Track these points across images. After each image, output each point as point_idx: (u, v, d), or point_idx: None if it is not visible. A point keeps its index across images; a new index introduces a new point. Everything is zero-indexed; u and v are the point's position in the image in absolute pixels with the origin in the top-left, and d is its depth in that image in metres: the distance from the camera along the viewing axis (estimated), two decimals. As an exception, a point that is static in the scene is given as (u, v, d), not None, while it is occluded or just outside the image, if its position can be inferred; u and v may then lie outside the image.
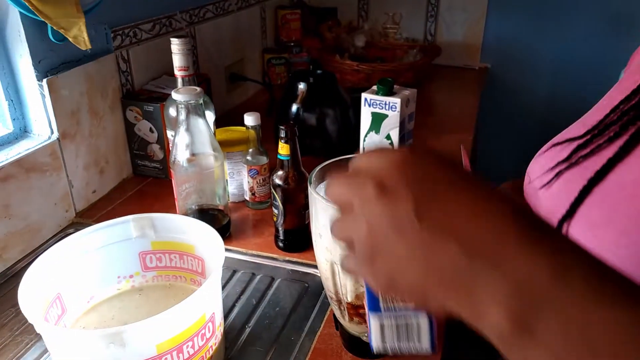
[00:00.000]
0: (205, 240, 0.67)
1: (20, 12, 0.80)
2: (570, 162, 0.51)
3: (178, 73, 0.88)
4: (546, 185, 0.53)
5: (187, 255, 0.71)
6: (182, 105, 0.80)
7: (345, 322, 0.63)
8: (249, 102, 1.60)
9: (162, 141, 1.05)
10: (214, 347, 0.61)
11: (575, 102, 1.85)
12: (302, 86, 1.17)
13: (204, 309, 0.57)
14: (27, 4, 0.77)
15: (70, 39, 0.84)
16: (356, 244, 0.34)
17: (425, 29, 1.91)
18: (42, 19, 0.80)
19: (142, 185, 1.09)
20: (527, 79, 1.85)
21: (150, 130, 1.05)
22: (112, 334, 0.51)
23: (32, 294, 0.58)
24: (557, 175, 0.52)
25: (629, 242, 0.42)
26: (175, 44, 0.85)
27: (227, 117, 1.42)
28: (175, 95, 0.79)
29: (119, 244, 0.69)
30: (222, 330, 0.64)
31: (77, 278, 0.67)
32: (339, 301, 0.60)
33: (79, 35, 0.85)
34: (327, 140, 1.20)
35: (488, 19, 1.82)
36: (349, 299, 0.59)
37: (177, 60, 0.87)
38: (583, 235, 0.45)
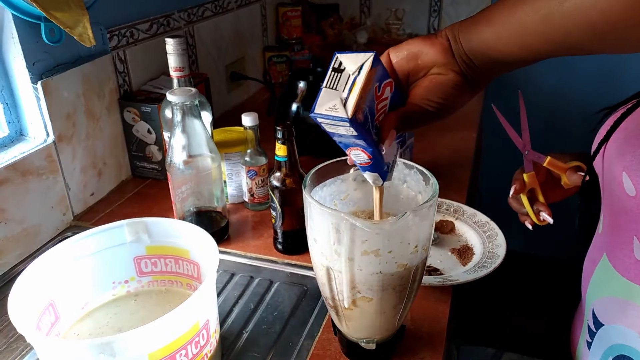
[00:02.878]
0: (199, 245, 0.66)
1: (13, 14, 0.79)
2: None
3: (173, 74, 0.87)
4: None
5: (183, 259, 0.69)
6: (177, 107, 0.78)
7: (342, 327, 0.62)
8: (250, 100, 1.59)
9: (161, 142, 1.04)
10: (209, 355, 0.60)
11: (580, 97, 1.82)
12: (302, 85, 1.16)
13: (197, 317, 0.55)
14: (33, 4, 0.76)
15: (75, 37, 0.83)
16: None
17: (428, 24, 1.89)
18: (50, 19, 0.78)
19: (141, 187, 1.08)
20: (532, 74, 1.82)
21: (149, 131, 1.04)
22: (102, 344, 0.49)
23: (23, 303, 0.57)
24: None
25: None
26: (170, 44, 0.84)
27: (228, 116, 1.41)
28: (170, 97, 0.78)
29: (114, 249, 0.68)
30: (217, 337, 0.63)
31: (71, 284, 0.66)
32: (336, 307, 0.59)
33: (84, 33, 0.84)
34: (329, 140, 1.18)
35: (492, 13, 1.80)
36: (346, 305, 0.57)
37: (172, 61, 0.85)
38: (613, 145, 0.65)
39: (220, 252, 0.86)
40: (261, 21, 1.64)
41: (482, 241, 0.85)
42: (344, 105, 0.44)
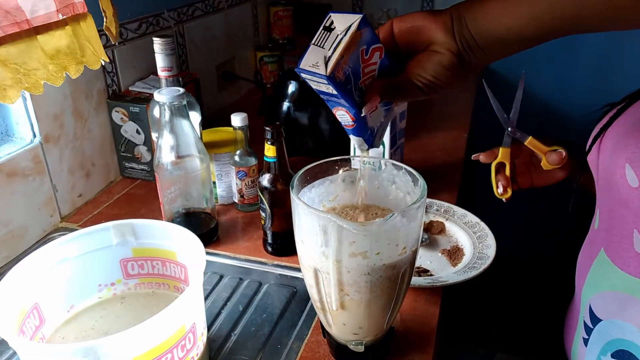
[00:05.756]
0: (186, 247, 0.65)
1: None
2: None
3: (161, 74, 0.86)
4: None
5: (170, 262, 0.69)
6: (165, 107, 0.77)
7: (331, 329, 0.61)
8: (241, 100, 1.58)
9: (150, 143, 1.03)
10: (195, 358, 0.59)
11: (572, 96, 1.83)
12: (292, 85, 1.15)
13: (183, 320, 0.55)
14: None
15: (107, 33, 0.82)
16: None
17: (420, 24, 1.89)
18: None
19: (130, 187, 1.07)
20: (528, 76, 1.82)
21: (137, 131, 1.03)
22: (86, 349, 0.49)
23: (6, 306, 0.56)
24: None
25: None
26: (158, 44, 0.83)
27: (219, 116, 1.40)
28: (157, 97, 0.77)
29: (99, 251, 0.67)
30: (204, 340, 0.62)
31: (56, 287, 0.65)
32: (324, 309, 0.58)
33: (111, 27, 0.82)
34: (320, 140, 1.17)
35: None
36: (334, 307, 0.57)
37: (160, 61, 0.84)
38: (612, 139, 0.66)
39: (210, 253, 0.85)
40: (252, 21, 1.64)
41: (473, 242, 0.84)
42: (326, 63, 0.45)
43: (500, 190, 0.81)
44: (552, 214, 1.70)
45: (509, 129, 0.81)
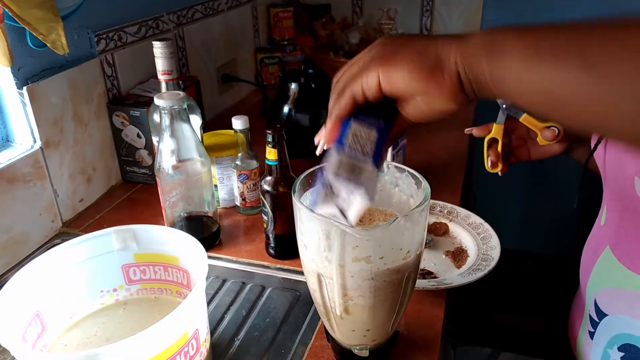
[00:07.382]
0: (188, 252, 0.64)
1: (-3, 19, 0.78)
2: None
3: (161, 77, 0.85)
4: None
5: (172, 267, 0.68)
6: (165, 111, 0.77)
7: (335, 334, 0.61)
8: (242, 103, 1.58)
9: (151, 146, 1.02)
10: (199, 364, 0.59)
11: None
12: (293, 86, 1.15)
13: (185, 327, 0.54)
14: (5, 9, 0.75)
15: (48, 45, 0.82)
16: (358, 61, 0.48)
17: (420, 23, 1.88)
18: (22, 25, 0.77)
19: (132, 192, 1.06)
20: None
21: (138, 135, 1.02)
22: (88, 357, 0.48)
23: (8, 314, 0.56)
24: None
25: None
26: (157, 47, 0.82)
27: (220, 119, 1.40)
28: (157, 101, 0.76)
29: (101, 257, 0.67)
30: (208, 346, 0.61)
31: (58, 294, 0.64)
32: (328, 314, 0.58)
33: (57, 40, 0.83)
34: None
35: (485, 11, 1.79)
36: (338, 312, 0.56)
37: (160, 64, 0.84)
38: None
39: (212, 257, 0.85)
40: (252, 22, 1.63)
41: (477, 243, 0.84)
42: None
43: (489, 164, 0.82)
44: (555, 209, 1.70)
45: (504, 105, 0.81)
